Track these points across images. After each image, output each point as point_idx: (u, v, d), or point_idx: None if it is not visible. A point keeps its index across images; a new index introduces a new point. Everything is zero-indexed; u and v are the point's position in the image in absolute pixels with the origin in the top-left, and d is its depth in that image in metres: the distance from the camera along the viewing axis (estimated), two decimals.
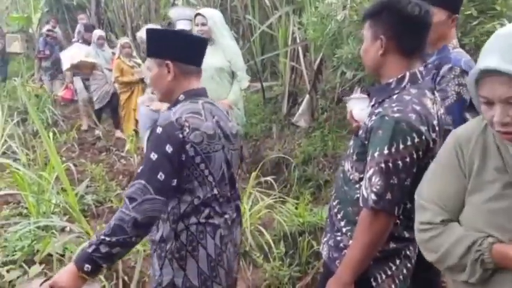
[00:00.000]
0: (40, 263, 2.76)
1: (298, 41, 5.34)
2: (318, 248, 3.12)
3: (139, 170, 1.53)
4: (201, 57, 1.72)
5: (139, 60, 6.05)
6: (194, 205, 1.60)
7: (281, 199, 3.83)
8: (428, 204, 1.27)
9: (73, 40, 8.40)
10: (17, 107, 7.42)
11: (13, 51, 10.32)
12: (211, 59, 3.84)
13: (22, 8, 12.37)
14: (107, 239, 1.45)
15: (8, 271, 2.77)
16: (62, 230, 3.20)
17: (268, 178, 4.17)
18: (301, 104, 5.28)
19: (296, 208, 3.57)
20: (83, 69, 6.46)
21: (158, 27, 4.62)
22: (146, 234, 1.56)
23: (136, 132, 5.55)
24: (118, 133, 6.42)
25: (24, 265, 2.77)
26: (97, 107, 6.68)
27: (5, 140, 5.05)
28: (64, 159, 5.03)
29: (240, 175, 4.96)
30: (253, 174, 3.84)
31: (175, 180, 1.54)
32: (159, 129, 1.54)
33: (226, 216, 1.70)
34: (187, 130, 1.54)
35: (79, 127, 6.72)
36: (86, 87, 6.87)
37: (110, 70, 6.25)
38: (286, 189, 4.29)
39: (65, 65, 6.62)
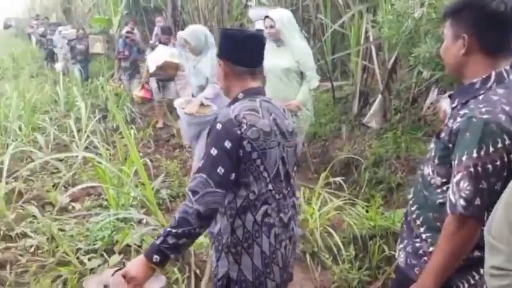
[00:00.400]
0: (119, 253, 2.92)
1: (371, 39, 5.22)
2: (390, 253, 3.04)
3: (200, 164, 1.59)
4: (252, 58, 1.75)
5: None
6: (249, 200, 1.65)
7: (351, 201, 3.77)
8: (501, 245, 1.07)
9: (150, 42, 8.54)
10: (98, 105, 7.89)
11: (95, 52, 10.82)
12: (278, 60, 3.87)
13: (104, 11, 13.15)
14: (174, 230, 1.53)
15: (89, 259, 2.96)
16: (139, 222, 3.37)
17: (338, 179, 4.12)
18: (372, 104, 5.15)
19: (367, 211, 3.50)
20: (168, 70, 6.40)
21: (201, 27, 4.54)
22: (209, 225, 1.63)
23: None
24: None
25: (104, 254, 2.95)
26: None
27: (88, 136, 5.39)
28: (140, 154, 5.27)
29: (294, 173, 4.96)
30: (323, 174, 3.81)
31: (234, 174, 1.59)
32: (219, 126, 1.60)
33: (282, 214, 1.73)
34: (245, 127, 1.59)
35: (154, 124, 7.00)
36: (159, 88, 7.01)
37: None
38: (355, 191, 4.21)
39: (152, 67, 6.49)
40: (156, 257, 1.54)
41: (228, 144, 1.57)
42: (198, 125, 3.80)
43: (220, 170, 1.55)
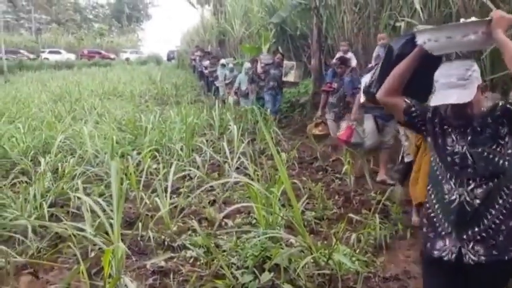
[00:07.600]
0: (269, 271, 3.03)
1: None
2: None
3: None
4: None
5: None
6: None
7: None
8: None
9: (369, 65, 6.21)
10: (247, 128, 8.35)
11: (287, 80, 9.48)
12: None
13: (254, 40, 14.01)
14: None
15: (241, 274, 3.11)
16: (286, 242, 3.46)
17: None
18: None
19: None
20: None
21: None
22: None
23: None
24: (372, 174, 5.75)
25: (255, 271, 3.07)
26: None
27: (239, 157, 5.74)
28: None
29: None
30: None
31: None
32: None
33: None
34: None
35: (298, 147, 7.12)
36: (379, 128, 5.74)
37: None
38: None
39: (362, 98, 5.42)
40: None
41: None
42: None
43: None
